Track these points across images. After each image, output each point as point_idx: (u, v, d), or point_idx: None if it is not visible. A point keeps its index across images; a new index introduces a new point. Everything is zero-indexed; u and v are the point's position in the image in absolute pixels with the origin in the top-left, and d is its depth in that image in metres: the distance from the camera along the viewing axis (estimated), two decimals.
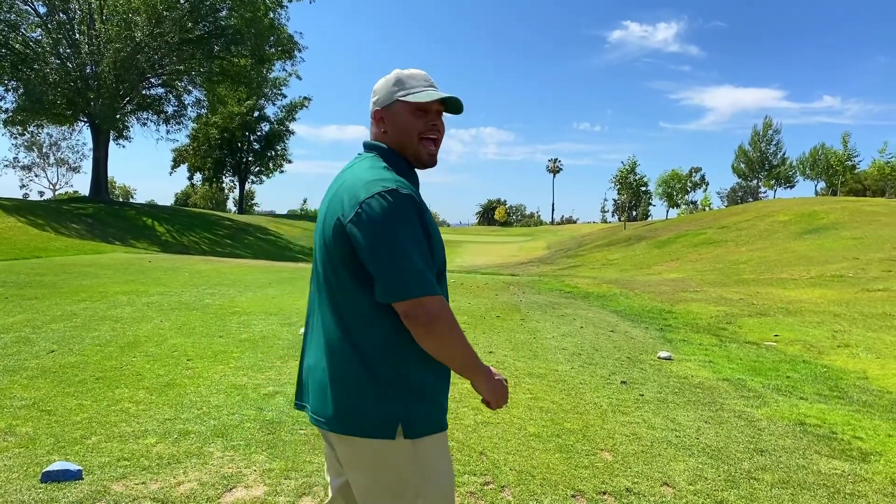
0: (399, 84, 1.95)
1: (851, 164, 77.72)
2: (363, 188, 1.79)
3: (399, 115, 1.94)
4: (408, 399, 1.83)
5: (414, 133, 1.94)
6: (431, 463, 1.87)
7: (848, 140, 77.59)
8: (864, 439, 5.00)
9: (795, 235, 29.54)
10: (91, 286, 12.09)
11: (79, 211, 33.79)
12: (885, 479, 4.20)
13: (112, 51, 36.85)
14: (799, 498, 3.83)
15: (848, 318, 10.77)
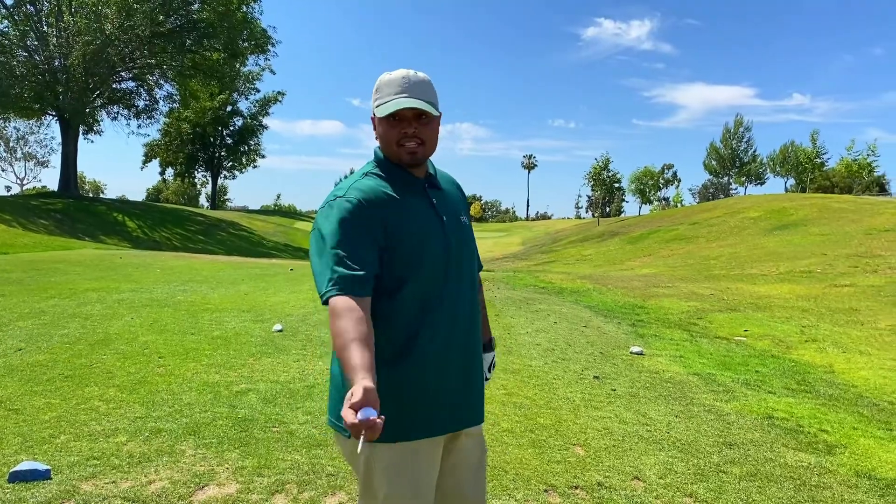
0: (377, 93, 1.98)
1: (820, 162, 79.09)
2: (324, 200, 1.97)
3: (378, 126, 1.99)
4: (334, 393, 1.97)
5: (392, 142, 1.97)
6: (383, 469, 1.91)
7: (817, 138, 79.02)
8: (829, 432, 5.10)
9: (765, 232, 29.97)
10: (60, 283, 11.91)
11: (47, 206, 33.25)
12: (850, 471, 4.29)
13: (81, 44, 36.27)
14: (766, 490, 3.90)
15: (815, 313, 10.97)
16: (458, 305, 2.03)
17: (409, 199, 1.96)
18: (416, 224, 1.94)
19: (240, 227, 45.71)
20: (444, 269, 1.99)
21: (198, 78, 45.04)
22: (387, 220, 1.89)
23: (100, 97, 42.54)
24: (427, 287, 1.95)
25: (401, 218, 1.92)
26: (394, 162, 2.01)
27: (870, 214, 27.53)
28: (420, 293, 1.94)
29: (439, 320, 1.97)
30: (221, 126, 65.85)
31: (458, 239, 2.06)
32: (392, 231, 1.89)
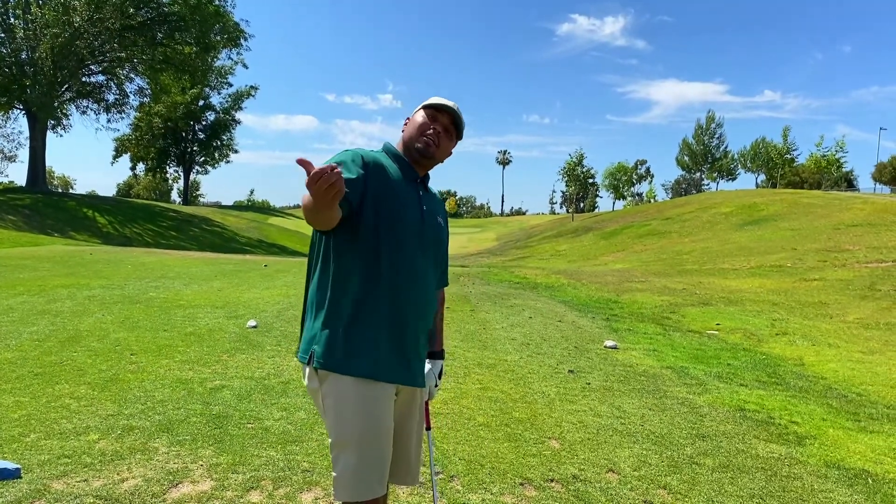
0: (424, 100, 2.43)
1: (790, 158, 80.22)
2: None
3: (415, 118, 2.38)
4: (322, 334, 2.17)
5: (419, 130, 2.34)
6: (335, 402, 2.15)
7: (788, 134, 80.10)
8: (799, 423, 5.19)
9: (737, 227, 30.36)
10: (29, 279, 11.71)
11: (15, 202, 32.65)
12: (819, 462, 4.37)
13: (49, 36, 35.64)
14: (738, 481, 3.95)
15: (786, 307, 11.14)
16: (427, 284, 2.33)
17: (401, 182, 2.27)
18: (400, 201, 2.23)
19: (213, 223, 45.27)
20: (417, 248, 2.27)
21: (169, 72, 44.49)
22: (378, 179, 2.19)
23: (69, 91, 41.85)
24: (402, 258, 2.22)
25: (391, 184, 2.22)
26: (407, 151, 2.35)
27: (838, 210, 28.02)
28: (396, 261, 2.20)
29: (410, 287, 2.25)
30: (193, 120, 65.11)
31: (431, 229, 2.36)
32: (380, 189, 2.18)
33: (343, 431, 2.14)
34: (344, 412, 2.14)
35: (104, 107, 44.78)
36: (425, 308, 2.34)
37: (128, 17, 38.76)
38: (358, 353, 2.14)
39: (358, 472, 2.14)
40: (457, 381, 5.98)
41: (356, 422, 2.13)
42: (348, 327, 2.15)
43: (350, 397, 2.14)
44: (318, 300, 2.23)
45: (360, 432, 2.13)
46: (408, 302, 2.24)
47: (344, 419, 2.14)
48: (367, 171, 2.17)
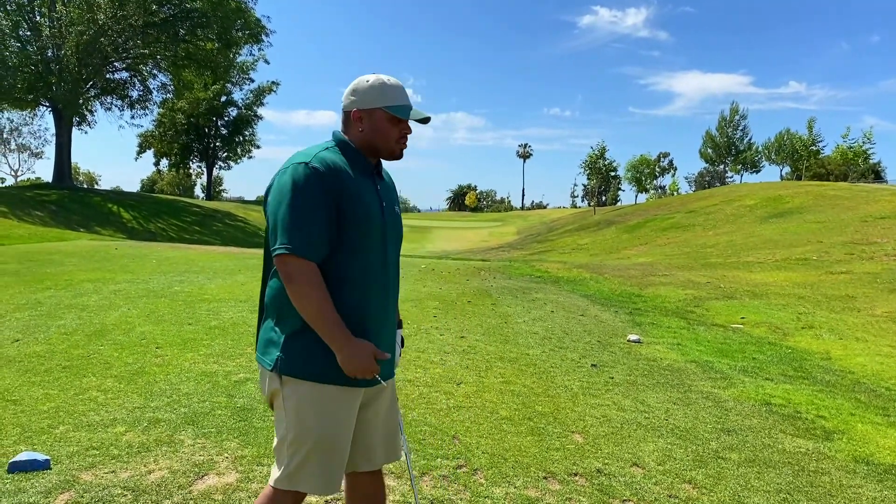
0: (384, 93, 2.24)
1: (816, 150, 79.05)
2: (287, 162, 2.15)
3: (379, 122, 2.24)
4: (287, 339, 2.15)
5: (392, 139, 2.27)
6: (299, 407, 2.15)
7: (813, 125, 78.89)
8: (827, 418, 5.13)
9: (761, 219, 30.02)
10: (56, 274, 11.88)
11: (42, 197, 33.14)
12: (848, 457, 4.31)
13: (74, 34, 36.04)
14: (765, 476, 3.91)
15: (812, 300, 11.00)
16: (390, 276, 2.32)
17: (359, 179, 2.21)
18: (363, 202, 2.18)
19: (236, 218, 45.62)
20: (381, 243, 2.26)
21: (191, 68, 44.85)
22: (341, 191, 2.13)
23: (93, 88, 42.31)
24: (370, 260, 2.21)
25: (352, 192, 2.16)
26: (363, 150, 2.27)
27: (865, 202, 27.58)
28: (365, 264, 2.20)
29: (378, 290, 2.25)
30: (216, 116, 65.45)
31: (392, 222, 2.34)
32: (344, 201, 2.13)
33: (303, 434, 2.16)
34: (306, 417, 2.15)
35: (128, 103, 45.21)
36: (393, 305, 2.38)
37: (150, 13, 39.09)
38: (324, 357, 2.12)
39: (314, 470, 2.18)
40: (479, 375, 5.98)
41: (317, 426, 2.16)
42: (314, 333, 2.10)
43: (313, 402, 2.16)
44: (280, 303, 2.17)
45: (320, 436, 2.16)
46: (377, 306, 2.25)
47: (306, 423, 2.15)
48: (332, 196, 2.10)
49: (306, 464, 2.17)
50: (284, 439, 2.18)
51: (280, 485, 2.20)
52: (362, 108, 2.24)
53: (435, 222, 79.96)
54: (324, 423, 2.17)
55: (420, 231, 64.47)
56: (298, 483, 2.19)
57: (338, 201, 2.11)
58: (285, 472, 2.18)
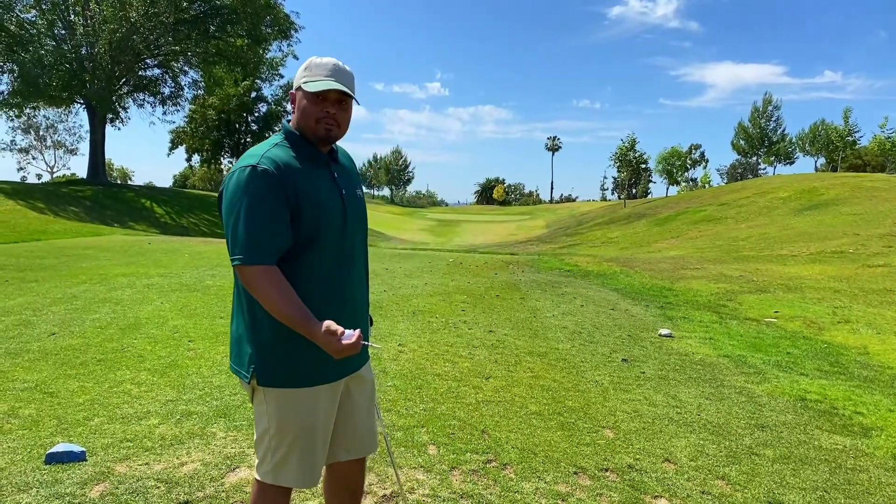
0: (305, 71, 2.19)
1: (852, 140, 77.40)
2: (236, 164, 2.10)
3: (300, 101, 2.19)
4: (259, 352, 2.14)
5: (312, 118, 2.17)
6: (278, 411, 2.17)
7: (849, 115, 77.20)
8: (865, 414, 5.02)
9: (795, 212, 29.51)
10: (91, 268, 12.08)
11: (77, 193, 33.73)
12: (887, 454, 4.22)
13: (107, 32, 36.56)
14: (800, 473, 3.84)
15: (848, 293, 10.78)
16: (354, 267, 2.29)
17: (313, 171, 2.16)
18: (320, 194, 2.14)
19: None
20: (342, 234, 2.22)
21: (222, 64, 45.19)
22: (295, 189, 2.06)
23: (126, 85, 42.90)
24: (328, 249, 2.18)
25: (306, 187, 2.10)
26: (307, 136, 2.20)
27: None
28: (323, 254, 2.16)
29: (338, 278, 2.22)
30: (246, 112, 66.00)
31: (354, 209, 2.29)
32: (299, 199, 2.07)
33: (282, 432, 2.20)
34: (285, 418, 2.19)
35: (160, 99, 45.77)
36: (362, 296, 2.38)
37: (181, 10, 39.49)
38: (298, 364, 2.15)
39: (294, 466, 2.23)
40: (508, 369, 5.95)
41: (296, 426, 2.20)
42: (286, 340, 2.11)
43: (291, 405, 2.19)
44: (247, 310, 2.16)
45: (299, 435, 2.21)
46: (345, 299, 2.25)
47: (285, 423, 2.19)
48: (283, 195, 2.04)
49: (287, 460, 2.22)
50: (265, 436, 2.22)
51: (265, 479, 2.25)
52: (294, 90, 2.22)
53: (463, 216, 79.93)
54: (302, 422, 2.20)
55: (448, 225, 64.45)
56: (281, 478, 2.23)
57: (291, 199, 2.05)
58: (268, 467, 2.24)
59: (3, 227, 21.66)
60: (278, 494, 2.30)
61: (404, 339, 6.97)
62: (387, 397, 4.93)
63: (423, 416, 4.57)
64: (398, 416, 4.54)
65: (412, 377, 5.52)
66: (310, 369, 2.17)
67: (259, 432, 2.25)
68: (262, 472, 2.26)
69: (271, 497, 2.29)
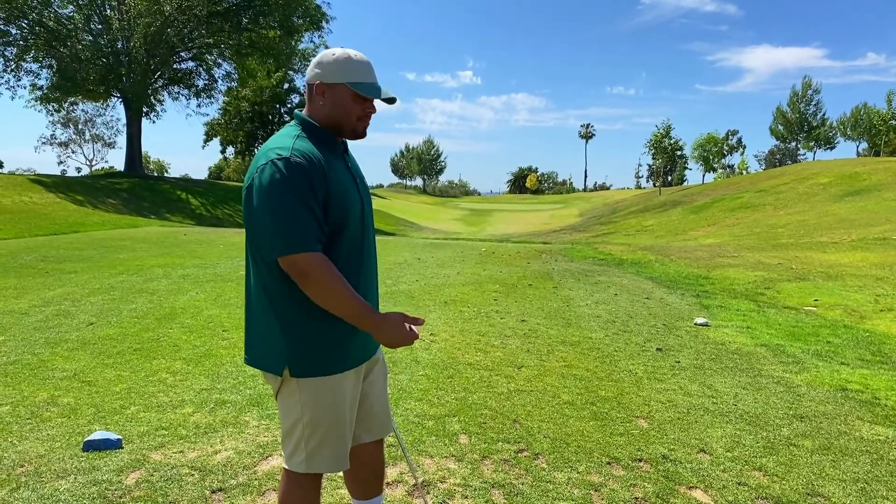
0: (349, 69, 2.17)
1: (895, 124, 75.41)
2: (262, 156, 2.06)
3: (342, 98, 2.18)
4: (291, 345, 2.14)
5: (352, 115, 2.20)
6: (313, 400, 2.19)
7: (892, 98, 75.20)
8: None
9: (836, 198, 28.87)
10: (128, 259, 12.29)
11: (115, 186, 34.34)
12: None
13: (142, 25, 37.07)
14: (840, 464, 3.75)
15: (891, 281, 10.51)
16: (370, 253, 2.34)
17: (333, 161, 2.16)
18: (342, 183, 2.15)
19: None
20: (362, 224, 2.25)
21: (254, 56, 45.54)
22: (325, 180, 2.07)
23: (161, 78, 43.49)
24: (351, 239, 2.20)
25: (332, 178, 2.11)
26: (331, 129, 2.21)
27: None
28: (347, 244, 2.19)
29: (360, 267, 2.25)
30: (279, 104, 66.53)
31: (367, 199, 2.34)
32: (328, 190, 2.08)
33: (316, 420, 2.22)
34: (318, 406, 2.21)
35: (194, 92, 46.35)
36: (376, 279, 2.43)
37: (214, 3, 39.86)
38: (329, 351, 2.18)
39: (328, 452, 2.26)
40: (540, 358, 5.91)
41: (330, 412, 2.23)
42: (316, 330, 2.14)
43: (324, 393, 2.21)
44: (280, 304, 2.14)
45: (333, 421, 2.24)
46: (364, 284, 2.28)
47: (318, 411, 2.21)
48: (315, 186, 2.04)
49: (322, 447, 2.25)
50: (296, 426, 2.23)
51: (298, 468, 2.27)
52: (326, 81, 2.17)
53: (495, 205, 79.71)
54: (335, 408, 2.24)
55: (480, 214, 64.34)
56: (315, 465, 2.26)
57: (321, 191, 2.06)
58: (301, 456, 2.25)
59: (44, 219, 22.15)
60: (312, 482, 2.33)
61: (436, 329, 6.96)
62: (418, 386, 4.93)
63: (454, 405, 4.56)
64: (430, 405, 4.54)
65: (444, 366, 5.51)
66: (339, 356, 2.20)
67: (289, 424, 2.25)
68: (294, 462, 2.27)
69: (305, 485, 2.31)
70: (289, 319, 2.13)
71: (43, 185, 29.40)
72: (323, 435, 2.24)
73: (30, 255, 12.61)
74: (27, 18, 35.49)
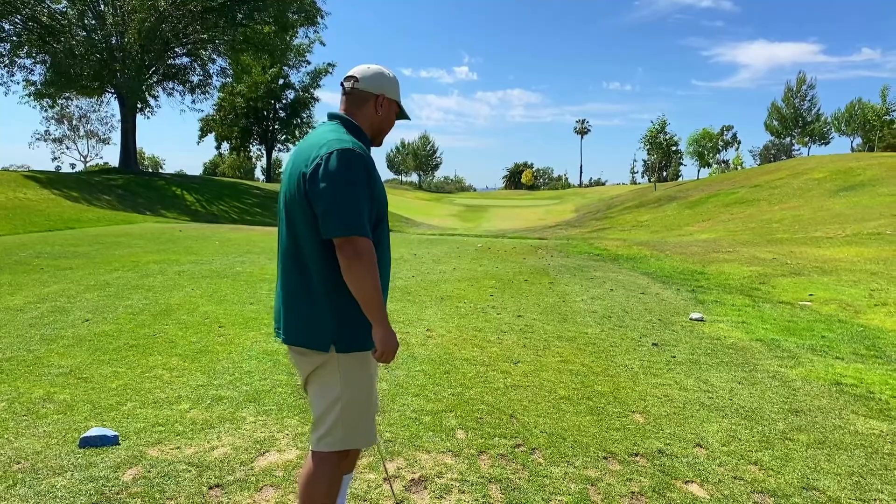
0: (398, 88, 2.55)
1: (890, 119, 75.58)
2: (325, 146, 2.25)
3: (391, 112, 2.55)
4: (339, 321, 2.30)
5: (389, 128, 2.58)
6: (354, 375, 2.35)
7: (887, 93, 75.32)
8: None
9: (831, 193, 28.95)
10: (123, 256, 12.26)
11: (109, 182, 34.22)
12: None
13: (136, 21, 36.90)
14: (835, 458, 3.77)
15: (886, 276, 10.54)
16: (390, 248, 2.53)
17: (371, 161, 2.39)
18: (381, 188, 2.39)
19: None
20: (387, 218, 2.48)
21: (249, 52, 45.34)
22: (372, 175, 2.31)
23: (155, 73, 43.30)
24: (383, 228, 2.43)
25: (376, 175, 2.36)
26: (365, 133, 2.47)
27: None
28: (382, 233, 2.41)
29: (387, 263, 2.47)
30: (274, 99, 66.38)
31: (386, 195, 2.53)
32: (374, 185, 2.31)
33: (356, 397, 2.36)
34: (358, 382, 2.37)
35: (189, 88, 46.09)
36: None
37: None
38: (365, 328, 2.31)
39: (364, 427, 2.42)
40: (536, 354, 5.92)
41: (367, 387, 2.40)
42: (356, 308, 2.27)
43: (363, 368, 2.37)
44: (328, 282, 2.28)
45: (370, 395, 2.42)
46: (386, 275, 2.46)
47: (358, 387, 2.36)
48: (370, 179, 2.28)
49: (359, 423, 2.40)
50: (335, 404, 2.35)
51: (336, 447, 2.38)
52: (388, 97, 2.48)
53: (491, 201, 79.68)
54: (370, 383, 2.42)
55: (476, 210, 64.30)
56: (351, 441, 2.40)
57: (371, 184, 2.28)
58: (339, 434, 2.37)
59: (38, 215, 22.07)
60: (340, 459, 2.44)
61: (433, 325, 6.97)
62: (415, 382, 4.94)
63: (451, 400, 4.56)
64: (426, 400, 4.54)
65: (440, 362, 5.51)
66: (370, 332, 2.31)
67: (327, 404, 2.36)
68: (330, 441, 2.37)
69: (333, 465, 2.42)
70: (336, 298, 2.28)
71: (37, 181, 29.28)
72: (361, 410, 2.39)
73: (25, 252, 12.57)
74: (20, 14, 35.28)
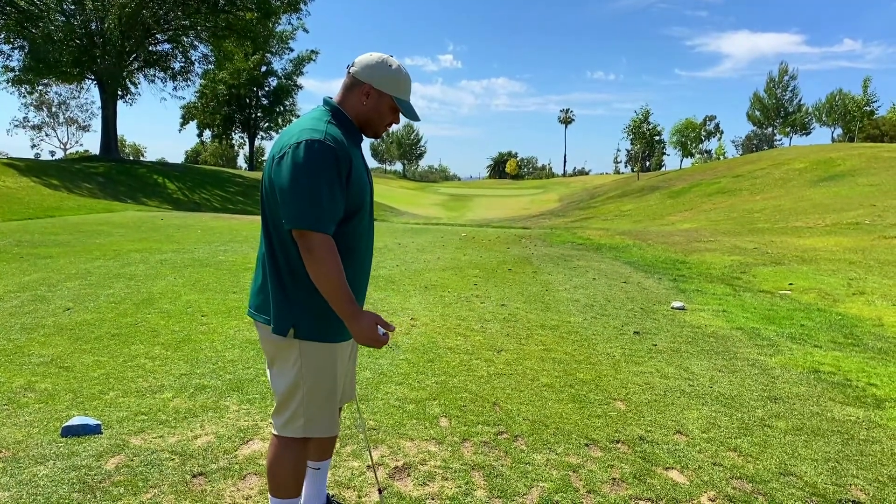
0: (398, 85, 2.37)
1: (870, 110, 76.32)
2: (297, 135, 2.19)
3: (382, 105, 2.37)
4: (301, 309, 2.28)
5: (382, 121, 2.41)
6: (314, 364, 2.34)
7: (868, 84, 76.01)
8: (878, 386, 4.99)
9: (811, 183, 29.22)
10: (104, 244, 12.16)
11: (90, 170, 33.85)
12: None
13: (117, 6, 36.41)
14: (812, 444, 3.83)
15: (864, 265, 10.68)
16: (372, 236, 2.50)
17: (354, 150, 2.32)
18: (359, 171, 2.30)
19: None
20: (370, 210, 2.44)
21: (231, 38, 44.90)
22: (349, 166, 2.23)
23: (136, 60, 42.80)
24: (361, 222, 2.36)
25: (355, 165, 2.27)
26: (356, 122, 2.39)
27: None
28: (361, 226, 2.36)
29: (363, 249, 2.41)
30: (256, 87, 65.83)
31: (372, 186, 2.49)
32: (350, 176, 2.24)
33: (316, 387, 2.36)
34: (319, 372, 2.35)
35: (170, 75, 45.59)
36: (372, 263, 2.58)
37: None
38: (332, 321, 2.28)
39: (324, 417, 2.41)
40: (519, 342, 5.96)
41: (330, 378, 2.38)
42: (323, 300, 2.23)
43: (325, 359, 2.35)
44: (294, 270, 2.26)
45: (331, 387, 2.40)
46: (366, 266, 2.46)
47: (319, 378, 2.36)
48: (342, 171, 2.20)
49: (319, 413, 2.40)
50: (296, 392, 2.36)
51: (294, 434, 2.40)
52: (376, 87, 2.34)
53: (475, 190, 79.71)
54: (334, 374, 2.40)
55: (460, 199, 64.31)
56: (312, 429, 2.41)
57: (344, 175, 2.21)
58: (300, 421, 2.39)
59: (17, 203, 21.81)
60: (302, 446, 2.45)
61: (416, 314, 6.98)
62: (399, 370, 4.95)
63: (435, 388, 4.59)
64: (410, 389, 4.56)
65: (424, 350, 5.53)
66: (338, 327, 2.31)
67: (287, 389, 2.37)
68: (291, 428, 2.39)
69: (297, 450, 2.44)
70: (300, 286, 2.26)
71: (16, 168, 28.91)
72: (322, 400, 2.38)
73: (4, 240, 12.43)
74: None
